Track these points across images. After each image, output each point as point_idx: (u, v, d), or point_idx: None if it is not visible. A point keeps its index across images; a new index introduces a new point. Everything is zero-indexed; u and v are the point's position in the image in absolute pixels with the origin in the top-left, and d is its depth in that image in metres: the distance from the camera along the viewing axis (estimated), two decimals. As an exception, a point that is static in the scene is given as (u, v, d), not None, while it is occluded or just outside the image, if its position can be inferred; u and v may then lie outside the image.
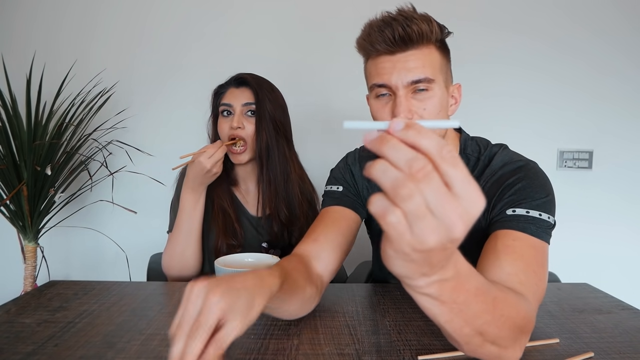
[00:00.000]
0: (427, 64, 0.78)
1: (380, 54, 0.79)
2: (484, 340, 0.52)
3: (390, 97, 0.80)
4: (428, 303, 0.45)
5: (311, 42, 1.81)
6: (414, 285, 0.43)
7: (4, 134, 1.51)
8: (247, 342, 0.67)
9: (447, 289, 0.44)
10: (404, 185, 0.33)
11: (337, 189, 0.98)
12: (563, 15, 1.79)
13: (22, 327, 0.73)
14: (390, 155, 0.34)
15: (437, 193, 0.33)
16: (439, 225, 0.34)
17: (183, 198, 1.12)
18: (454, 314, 0.47)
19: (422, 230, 0.34)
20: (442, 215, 0.34)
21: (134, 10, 1.82)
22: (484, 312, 0.49)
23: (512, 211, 0.77)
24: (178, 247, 1.12)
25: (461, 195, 0.34)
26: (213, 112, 1.21)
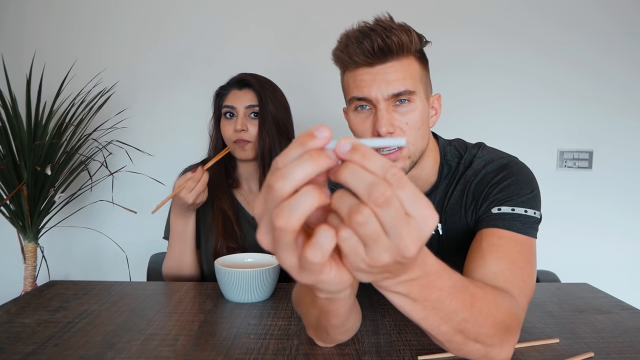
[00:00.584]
0: (407, 76, 0.76)
1: (359, 66, 0.77)
2: (466, 338, 0.51)
3: (370, 110, 0.78)
4: (399, 300, 0.45)
5: (312, 42, 1.81)
6: (382, 286, 0.42)
7: (4, 134, 1.51)
8: (247, 342, 0.67)
9: (415, 288, 0.43)
10: (360, 212, 0.32)
11: None
12: (562, 16, 1.79)
13: (22, 327, 0.73)
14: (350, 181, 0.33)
15: (395, 217, 0.33)
16: (392, 247, 0.34)
17: (173, 222, 1.13)
18: (428, 312, 0.46)
19: (376, 251, 0.34)
20: (396, 238, 0.34)
21: (134, 10, 1.82)
22: (460, 310, 0.48)
23: (497, 209, 0.76)
24: (174, 262, 1.14)
25: (413, 215, 0.34)
26: (215, 113, 1.21)
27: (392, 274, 0.39)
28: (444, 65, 1.79)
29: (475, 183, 0.83)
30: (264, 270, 0.85)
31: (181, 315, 0.78)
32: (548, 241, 1.28)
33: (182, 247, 1.13)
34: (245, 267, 0.85)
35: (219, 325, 0.74)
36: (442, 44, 1.79)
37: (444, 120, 1.01)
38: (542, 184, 0.83)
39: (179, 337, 0.69)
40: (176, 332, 0.71)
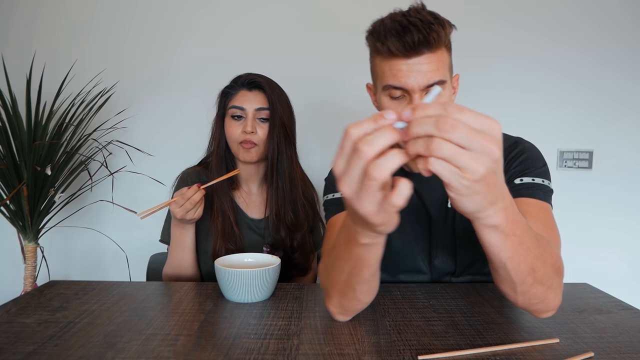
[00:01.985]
0: (440, 67, 0.81)
1: (395, 56, 0.80)
2: (535, 278, 0.60)
3: (404, 98, 0.83)
4: (495, 238, 0.54)
5: (312, 42, 1.81)
6: (484, 217, 0.51)
7: (4, 134, 1.52)
8: (247, 342, 0.67)
9: (510, 219, 0.53)
10: (432, 142, 0.42)
11: (337, 196, 0.98)
12: (563, 16, 1.79)
13: (22, 327, 0.73)
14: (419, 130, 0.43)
15: (465, 134, 0.42)
16: (478, 156, 0.43)
17: (172, 230, 1.12)
18: (515, 248, 0.56)
19: (467, 163, 0.43)
20: (477, 147, 0.43)
21: (134, 10, 1.82)
22: (533, 247, 0.58)
23: (520, 180, 0.85)
24: (173, 270, 1.14)
25: (482, 128, 0.43)
26: (219, 112, 1.19)
27: (494, 196, 0.49)
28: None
29: None
30: (264, 270, 0.84)
31: (181, 315, 0.78)
32: (548, 241, 1.28)
33: (180, 256, 1.13)
34: (245, 267, 0.85)
35: (219, 325, 0.74)
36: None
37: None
38: (542, 184, 0.83)
39: (179, 337, 0.69)
40: (176, 332, 0.71)
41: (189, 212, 1.03)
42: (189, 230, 1.11)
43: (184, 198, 1.02)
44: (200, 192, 1.03)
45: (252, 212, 1.23)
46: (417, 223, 0.99)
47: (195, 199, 1.02)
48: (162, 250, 1.31)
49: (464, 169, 0.43)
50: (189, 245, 1.12)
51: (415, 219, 0.99)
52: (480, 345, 0.66)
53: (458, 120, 0.42)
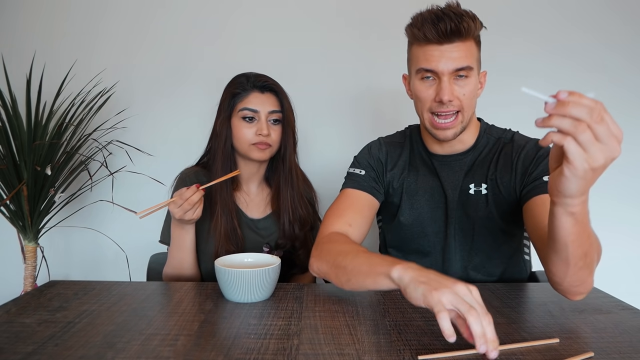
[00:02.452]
0: (468, 55, 0.93)
1: (430, 42, 0.92)
2: (585, 262, 0.70)
3: (434, 80, 0.95)
4: (569, 222, 0.64)
5: (313, 41, 1.81)
6: (569, 204, 0.62)
7: (4, 134, 1.52)
8: (247, 342, 0.67)
9: (584, 209, 0.64)
10: (580, 125, 0.51)
11: (360, 172, 1.08)
12: (562, 16, 1.79)
13: (22, 327, 0.73)
14: (574, 111, 0.51)
15: (606, 129, 0.52)
16: (605, 149, 0.53)
17: (172, 230, 1.13)
18: (579, 233, 0.66)
19: (595, 152, 0.52)
20: (608, 143, 0.53)
21: (134, 10, 1.82)
22: (589, 235, 0.69)
23: (547, 178, 0.88)
24: (173, 271, 1.15)
25: (614, 130, 0.53)
26: (226, 112, 1.18)
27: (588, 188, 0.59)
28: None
29: (524, 155, 1.01)
30: (264, 270, 0.84)
31: (181, 315, 0.78)
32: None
33: (180, 257, 1.13)
34: (245, 267, 0.85)
35: (219, 325, 0.74)
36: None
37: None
38: (542, 184, 0.83)
39: (179, 337, 0.69)
40: (176, 332, 0.71)
41: (187, 213, 1.03)
42: (188, 231, 1.11)
43: (182, 198, 1.02)
44: (199, 193, 1.03)
45: (252, 212, 1.23)
46: (434, 205, 1.06)
47: (194, 200, 1.02)
48: (162, 250, 1.31)
49: (590, 155, 0.53)
50: (188, 246, 1.12)
51: (432, 201, 1.06)
52: (480, 345, 0.66)
53: (605, 117, 0.52)
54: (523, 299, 0.88)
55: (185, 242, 1.12)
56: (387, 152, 1.12)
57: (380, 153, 1.12)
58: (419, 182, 1.07)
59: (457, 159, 1.05)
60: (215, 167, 1.17)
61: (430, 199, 1.06)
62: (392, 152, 1.12)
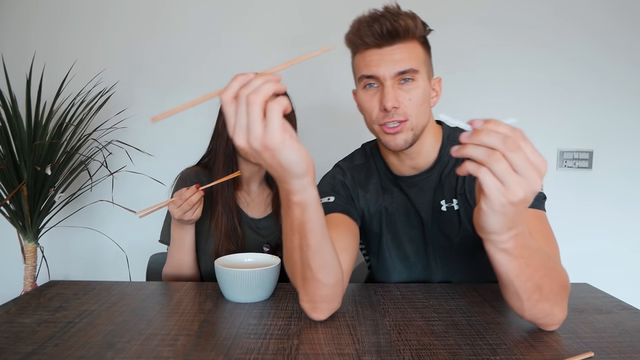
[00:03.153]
0: (412, 57, 0.84)
1: (369, 47, 0.85)
2: (541, 295, 0.64)
3: (377, 88, 0.86)
4: (504, 259, 0.59)
5: (314, 40, 1.81)
6: (497, 240, 0.57)
7: (4, 134, 1.52)
8: (247, 342, 0.67)
9: (519, 244, 0.58)
10: (493, 154, 0.48)
11: (329, 200, 0.97)
12: (563, 15, 1.79)
13: (22, 327, 0.73)
14: (486, 140, 0.48)
15: (523, 159, 0.48)
16: (524, 182, 0.49)
17: (172, 230, 1.12)
18: (522, 268, 0.60)
19: (512, 184, 0.49)
20: (526, 174, 0.48)
21: (134, 10, 1.82)
22: (541, 267, 0.62)
23: None
24: (172, 270, 1.14)
25: (534, 161, 0.49)
26: None
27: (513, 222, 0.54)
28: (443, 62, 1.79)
29: None
30: (264, 270, 0.84)
31: (181, 315, 0.78)
32: (548, 241, 1.29)
33: (180, 256, 1.13)
34: (245, 267, 0.85)
35: (219, 325, 0.74)
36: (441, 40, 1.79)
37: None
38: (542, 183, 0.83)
39: (179, 337, 0.69)
40: (176, 332, 0.71)
41: (186, 213, 1.03)
42: (188, 231, 1.11)
43: (181, 199, 1.02)
44: (198, 194, 1.03)
45: (252, 212, 1.23)
46: (411, 226, 1.00)
47: (193, 200, 1.02)
48: (162, 250, 1.31)
49: (508, 188, 0.49)
50: (188, 246, 1.12)
51: (408, 223, 1.00)
52: (480, 346, 0.66)
53: (521, 145, 0.48)
54: (523, 299, 0.88)
55: (185, 242, 1.12)
56: (352, 177, 1.02)
57: (346, 179, 1.02)
58: (394, 205, 1.00)
59: (423, 178, 0.97)
60: (217, 167, 1.17)
61: (407, 221, 0.99)
62: (358, 176, 1.03)
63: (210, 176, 1.18)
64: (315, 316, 0.75)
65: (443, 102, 0.98)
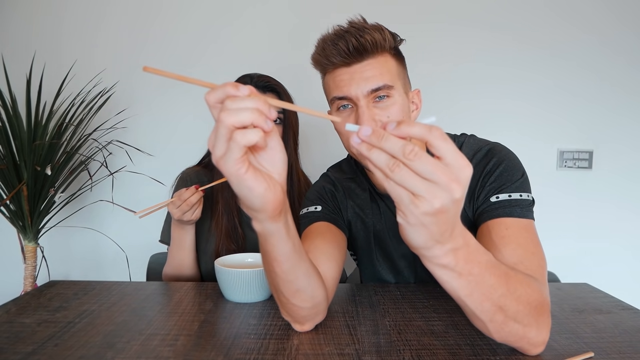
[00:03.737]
0: (384, 72, 0.78)
1: (337, 66, 0.79)
2: (506, 316, 0.56)
3: (352, 108, 0.80)
4: (447, 276, 0.52)
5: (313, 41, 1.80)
6: (431, 256, 0.49)
7: (4, 134, 1.52)
8: (247, 342, 0.67)
9: (461, 259, 0.50)
10: (395, 164, 0.43)
11: (316, 209, 0.94)
12: (563, 16, 1.79)
13: (22, 327, 0.73)
14: (385, 146, 0.43)
15: (428, 165, 0.42)
16: (438, 189, 0.42)
17: (172, 230, 1.12)
18: (472, 287, 0.53)
19: (423, 193, 0.42)
20: (438, 180, 0.42)
21: (134, 10, 1.82)
22: (498, 285, 0.54)
23: (495, 198, 0.79)
24: (173, 270, 1.14)
25: (451, 164, 0.42)
26: None
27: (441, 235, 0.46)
28: (443, 63, 1.79)
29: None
30: (264, 270, 0.84)
31: (181, 315, 0.78)
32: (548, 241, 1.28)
33: (180, 256, 1.13)
34: (245, 267, 0.85)
35: (219, 325, 0.74)
36: (441, 42, 1.79)
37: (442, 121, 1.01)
38: (542, 184, 0.83)
39: (179, 337, 0.69)
40: (176, 332, 0.71)
41: (186, 214, 1.03)
42: (188, 231, 1.11)
43: (181, 199, 1.02)
44: (197, 194, 1.03)
45: None
46: (399, 242, 0.96)
47: (192, 201, 1.02)
48: (162, 250, 1.31)
49: (419, 198, 0.43)
50: (188, 246, 1.12)
51: (397, 239, 0.97)
52: (480, 346, 0.66)
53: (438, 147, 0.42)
54: (523, 299, 0.88)
55: (185, 242, 1.12)
56: (342, 187, 0.99)
57: (336, 189, 0.99)
58: (382, 221, 0.97)
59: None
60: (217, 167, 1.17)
61: (396, 237, 0.96)
62: (347, 188, 1.00)
63: (211, 176, 1.18)
64: (298, 328, 0.73)
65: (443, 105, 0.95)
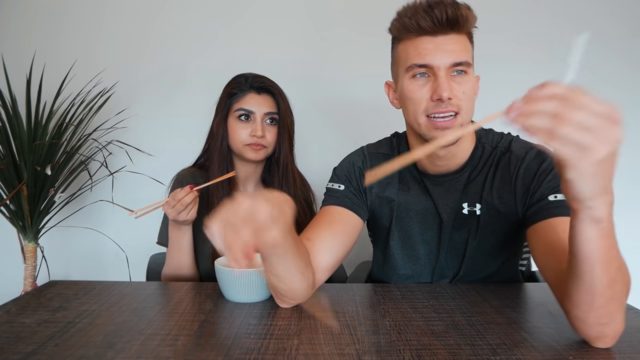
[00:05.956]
0: (465, 49, 0.82)
1: (421, 34, 0.81)
2: (613, 293, 0.58)
3: (428, 78, 0.82)
4: (594, 234, 0.53)
5: (313, 41, 1.81)
6: (594, 206, 0.51)
7: (4, 134, 1.52)
8: (247, 342, 0.67)
9: (611, 216, 0.53)
10: (556, 119, 0.45)
11: (339, 188, 0.97)
12: (563, 16, 1.79)
13: (22, 327, 0.73)
14: (543, 107, 0.46)
15: (589, 115, 0.45)
16: (602, 135, 0.45)
17: (170, 231, 1.13)
18: (606, 252, 0.55)
19: (591, 143, 0.44)
20: (600, 128, 0.45)
21: (134, 10, 1.82)
22: (617, 257, 0.58)
23: (554, 197, 0.81)
24: (171, 271, 1.14)
25: (603, 112, 0.45)
26: (223, 112, 1.18)
27: (608, 182, 0.50)
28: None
29: (524, 169, 0.88)
30: (263, 270, 0.84)
31: (181, 315, 0.78)
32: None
33: (178, 257, 1.13)
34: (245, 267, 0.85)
35: (219, 325, 0.74)
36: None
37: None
38: (542, 184, 0.83)
39: (179, 337, 0.69)
40: (176, 332, 0.71)
41: (180, 214, 1.03)
42: (185, 232, 1.11)
43: (175, 199, 1.02)
44: (192, 194, 1.03)
45: None
46: (426, 228, 0.97)
47: (187, 201, 1.02)
48: (162, 250, 1.31)
49: (587, 149, 0.45)
50: (186, 247, 1.12)
51: (424, 224, 0.97)
52: (480, 346, 0.66)
53: (584, 101, 0.45)
54: (523, 299, 0.88)
55: (183, 242, 1.12)
56: (371, 165, 0.99)
57: (365, 165, 1.00)
58: (410, 203, 0.97)
59: (452, 179, 0.93)
60: (212, 167, 1.17)
61: (423, 221, 0.96)
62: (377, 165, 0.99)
63: (207, 177, 1.18)
64: (279, 303, 0.82)
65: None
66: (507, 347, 0.65)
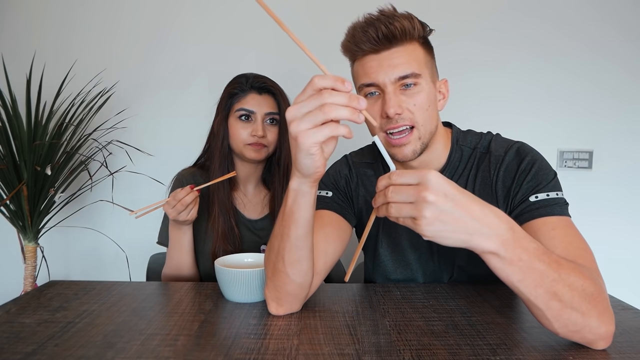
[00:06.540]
0: (412, 60, 0.80)
1: (366, 53, 0.82)
2: (562, 303, 0.58)
3: (379, 95, 0.82)
4: (496, 263, 0.57)
5: (314, 40, 1.80)
6: (475, 246, 0.56)
7: (4, 134, 1.52)
8: (247, 342, 0.67)
9: (510, 245, 0.55)
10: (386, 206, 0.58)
11: (327, 194, 0.97)
12: (563, 16, 1.79)
13: (22, 327, 0.73)
14: (379, 200, 0.59)
15: (403, 192, 0.55)
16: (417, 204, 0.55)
17: (170, 231, 1.13)
18: (523, 273, 0.57)
19: (412, 214, 0.55)
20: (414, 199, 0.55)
21: (134, 10, 1.82)
22: (549, 271, 0.57)
23: (535, 197, 0.80)
24: (172, 271, 1.15)
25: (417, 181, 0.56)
26: (224, 112, 1.18)
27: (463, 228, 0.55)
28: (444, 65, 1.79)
29: (503, 171, 0.87)
30: (263, 270, 0.84)
31: (181, 315, 0.78)
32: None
33: (179, 257, 1.13)
34: (245, 267, 0.85)
35: (219, 325, 0.74)
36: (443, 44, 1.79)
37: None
38: (542, 184, 0.83)
39: (179, 337, 0.69)
40: (176, 332, 0.71)
41: (181, 214, 1.03)
42: (185, 232, 1.11)
43: (175, 199, 1.02)
44: (192, 194, 1.03)
45: (249, 213, 1.23)
46: (414, 234, 0.93)
47: (187, 201, 1.02)
48: (162, 250, 1.31)
49: (416, 218, 0.54)
50: (186, 247, 1.12)
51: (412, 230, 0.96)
52: (480, 346, 0.66)
53: (397, 183, 0.55)
54: (523, 299, 0.88)
55: (183, 242, 1.12)
56: (357, 174, 1.00)
57: (350, 174, 1.00)
58: None
59: None
60: (213, 167, 1.17)
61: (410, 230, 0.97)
62: (362, 175, 1.00)
63: (208, 177, 1.18)
64: (273, 308, 0.77)
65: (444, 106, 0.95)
66: (507, 347, 0.65)
